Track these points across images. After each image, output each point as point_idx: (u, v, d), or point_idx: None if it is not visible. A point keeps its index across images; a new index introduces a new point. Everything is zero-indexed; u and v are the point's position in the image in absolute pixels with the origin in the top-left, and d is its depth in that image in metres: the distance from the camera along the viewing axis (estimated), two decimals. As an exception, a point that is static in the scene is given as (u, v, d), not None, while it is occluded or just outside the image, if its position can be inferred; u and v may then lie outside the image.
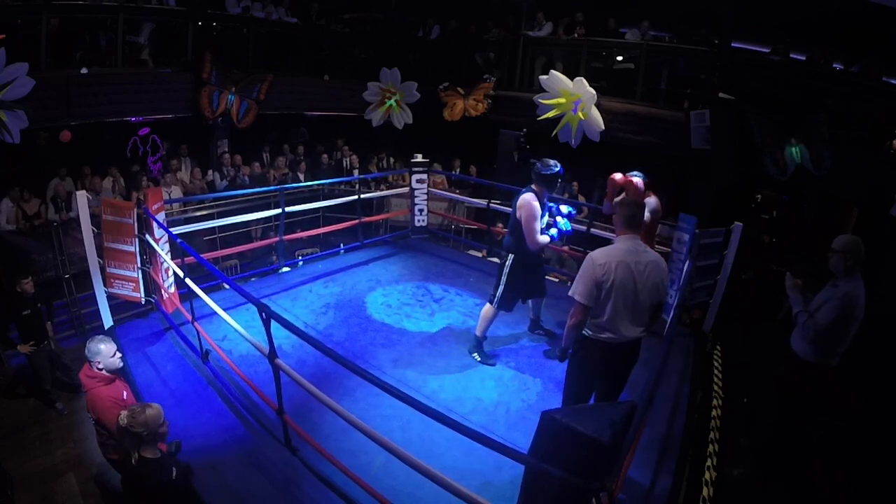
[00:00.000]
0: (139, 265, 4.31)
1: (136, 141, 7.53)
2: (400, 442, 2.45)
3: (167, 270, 4.37)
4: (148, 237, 4.23)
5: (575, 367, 2.92)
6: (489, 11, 9.22)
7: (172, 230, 4.25)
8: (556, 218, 4.02)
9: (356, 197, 6.34)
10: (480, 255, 6.79)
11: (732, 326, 5.37)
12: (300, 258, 6.36)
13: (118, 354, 2.85)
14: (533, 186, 3.82)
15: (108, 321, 4.38)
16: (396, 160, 9.30)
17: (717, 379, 4.30)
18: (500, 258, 4.15)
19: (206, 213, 6.62)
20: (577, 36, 8.09)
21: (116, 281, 4.34)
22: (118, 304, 4.57)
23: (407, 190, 6.78)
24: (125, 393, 2.90)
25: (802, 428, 3.47)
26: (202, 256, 3.76)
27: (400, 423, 3.25)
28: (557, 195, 4.87)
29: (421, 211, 6.67)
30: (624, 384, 2.96)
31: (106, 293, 4.33)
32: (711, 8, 7.14)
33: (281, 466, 3.02)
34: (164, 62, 7.31)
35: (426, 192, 6.63)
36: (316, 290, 5.34)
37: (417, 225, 6.73)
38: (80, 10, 6.51)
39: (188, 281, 3.74)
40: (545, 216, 3.93)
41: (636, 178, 4.01)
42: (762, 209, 8.82)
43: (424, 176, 6.57)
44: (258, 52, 8.12)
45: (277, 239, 5.75)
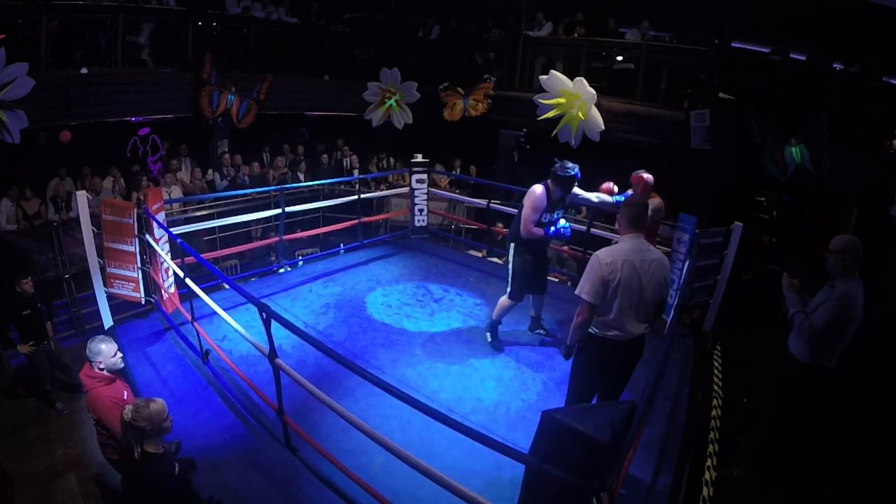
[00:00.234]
0: (139, 265, 4.31)
1: (136, 141, 7.54)
2: (400, 442, 2.44)
3: (167, 270, 4.38)
4: (148, 237, 4.24)
5: (580, 364, 2.96)
6: (489, 11, 9.22)
7: (172, 230, 4.25)
8: (557, 221, 4.04)
9: (356, 197, 6.34)
10: (480, 255, 6.79)
11: (732, 326, 5.37)
12: (300, 258, 6.36)
13: (119, 355, 2.85)
14: (549, 182, 3.89)
15: (108, 321, 4.38)
16: (396, 160, 9.30)
17: (717, 379, 4.30)
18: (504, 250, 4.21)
19: (206, 213, 6.62)
20: (577, 36, 8.09)
21: (116, 281, 4.35)
22: (118, 304, 4.57)
23: (407, 190, 6.78)
24: (125, 393, 2.90)
25: (802, 428, 3.47)
26: (202, 256, 3.76)
27: (400, 422, 3.25)
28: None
29: (421, 211, 6.67)
30: (626, 382, 3.00)
31: (106, 293, 4.34)
32: (711, 8, 7.14)
33: (281, 466, 3.02)
34: (164, 62, 7.31)
35: (426, 192, 6.63)
36: (316, 290, 5.34)
37: (417, 225, 6.73)
38: (80, 10, 6.51)
39: (188, 281, 3.74)
40: (556, 214, 3.99)
41: (648, 175, 4.09)
42: (762, 209, 8.82)
43: (424, 176, 6.57)
44: (258, 52, 8.12)
45: (277, 239, 5.75)
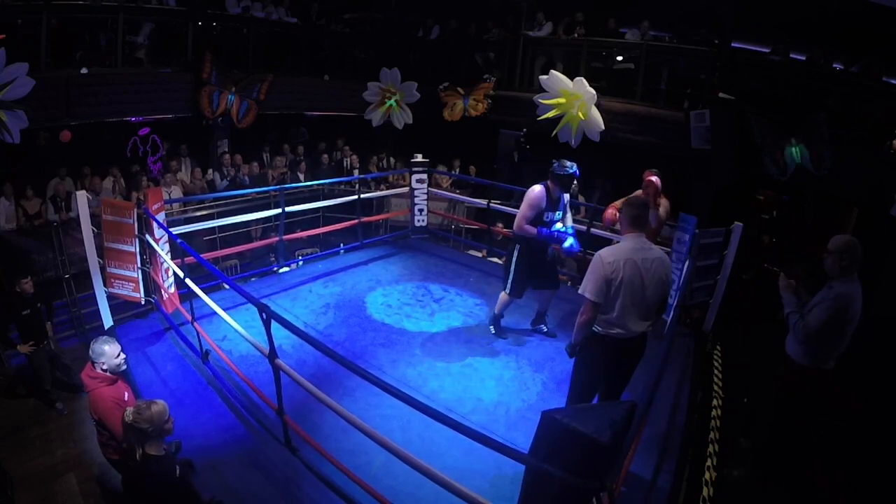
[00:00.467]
0: (139, 265, 4.31)
1: (136, 141, 7.52)
2: (400, 442, 2.45)
3: (167, 270, 4.37)
4: (148, 237, 4.24)
5: (583, 362, 2.97)
6: (489, 11, 9.21)
7: (172, 230, 4.25)
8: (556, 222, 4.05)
9: (356, 197, 6.34)
10: (480, 255, 6.79)
11: (732, 326, 5.37)
12: (300, 258, 6.37)
13: (122, 356, 2.85)
14: (548, 182, 3.92)
15: (108, 321, 4.38)
16: (396, 160, 9.30)
17: (717, 379, 4.31)
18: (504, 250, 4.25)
19: (206, 213, 6.61)
20: (577, 36, 8.08)
21: (116, 281, 4.35)
22: (118, 304, 4.57)
23: (407, 190, 6.78)
24: (127, 394, 2.90)
25: (802, 428, 3.47)
26: (202, 256, 3.76)
27: (400, 423, 3.25)
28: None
29: (421, 211, 6.67)
30: (627, 382, 3.01)
31: (106, 293, 4.34)
32: (711, 8, 7.13)
33: (281, 466, 3.02)
34: (164, 62, 7.31)
35: (426, 192, 6.63)
36: (316, 290, 5.34)
37: (417, 225, 6.73)
38: (80, 10, 6.50)
39: (188, 281, 3.74)
40: (557, 215, 4.01)
41: (656, 178, 4.09)
42: (762, 209, 8.82)
43: (424, 176, 6.57)
44: (258, 52, 8.12)
45: (277, 239, 5.75)
